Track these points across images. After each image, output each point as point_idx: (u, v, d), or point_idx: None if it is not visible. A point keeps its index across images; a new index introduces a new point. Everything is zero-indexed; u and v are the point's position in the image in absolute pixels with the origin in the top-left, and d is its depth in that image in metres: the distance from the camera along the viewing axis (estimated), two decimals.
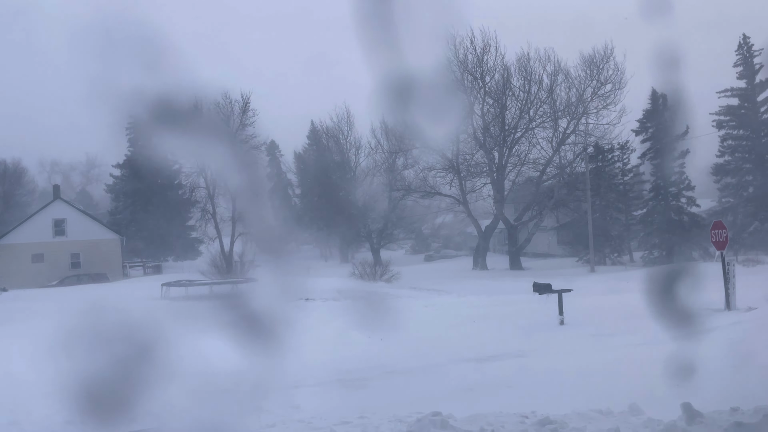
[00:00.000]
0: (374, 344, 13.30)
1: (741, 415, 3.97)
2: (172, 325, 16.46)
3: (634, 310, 16.39)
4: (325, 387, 9.88)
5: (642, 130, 41.11)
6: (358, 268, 33.57)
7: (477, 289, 28.83)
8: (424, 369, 10.73)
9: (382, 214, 58.62)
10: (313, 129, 68.14)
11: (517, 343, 12.79)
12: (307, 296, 25.74)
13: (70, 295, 26.34)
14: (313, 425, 7.12)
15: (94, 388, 9.46)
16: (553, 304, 15.68)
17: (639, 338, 12.13)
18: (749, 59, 38.07)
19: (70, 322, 15.77)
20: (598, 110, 43.05)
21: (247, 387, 9.52)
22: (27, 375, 9.46)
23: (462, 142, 45.31)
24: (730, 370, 7.89)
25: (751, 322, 12.10)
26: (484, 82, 44.37)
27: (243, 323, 17.29)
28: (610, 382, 8.25)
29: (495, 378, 9.36)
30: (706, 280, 19.00)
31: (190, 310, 20.92)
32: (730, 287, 15.20)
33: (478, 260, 44.98)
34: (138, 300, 24.84)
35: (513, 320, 16.15)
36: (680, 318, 14.59)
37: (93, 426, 8.09)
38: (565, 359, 10.60)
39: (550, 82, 43.64)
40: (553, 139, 44.47)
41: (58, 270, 40.67)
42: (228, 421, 8.00)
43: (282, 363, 11.63)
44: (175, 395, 9.03)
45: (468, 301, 22.86)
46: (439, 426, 4.16)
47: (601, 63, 42.60)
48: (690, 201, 39.79)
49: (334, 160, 58.75)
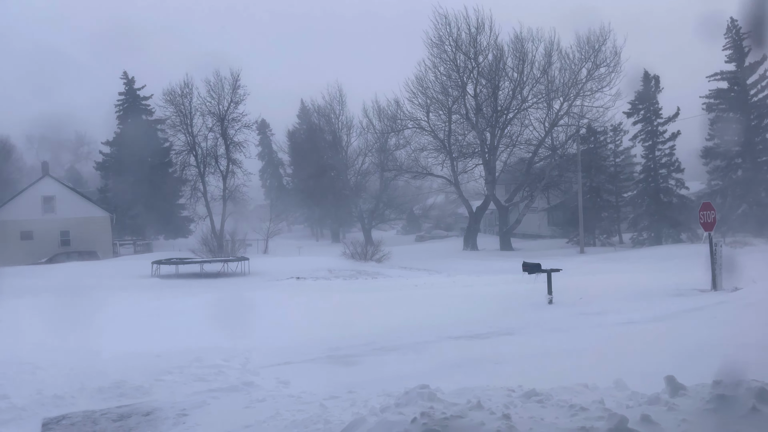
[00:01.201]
0: (363, 322, 13.38)
1: (723, 388, 4.04)
2: (160, 302, 16.46)
3: (623, 290, 16.64)
4: (314, 363, 9.94)
5: (633, 111, 41.15)
6: (350, 248, 33.66)
7: (467, 269, 29.01)
8: (414, 346, 10.80)
9: (373, 194, 58.61)
10: (303, 108, 67.76)
11: (506, 321, 12.89)
12: (299, 275, 25.86)
13: (61, 273, 26.24)
14: (302, 400, 7.17)
15: (83, 363, 9.47)
16: (542, 284, 15.80)
17: (626, 317, 12.28)
18: (738, 42, 38.03)
19: (65, 298, 15.76)
20: (593, 92, 43.01)
21: (237, 363, 9.58)
22: (18, 350, 9.46)
23: (454, 123, 45.22)
24: (714, 347, 8.00)
25: (736, 301, 12.25)
26: (478, 62, 44.15)
27: (233, 301, 17.35)
28: (597, 359, 8.36)
29: (483, 355, 9.45)
30: (694, 262, 19.24)
31: (181, 288, 20.93)
32: (717, 268, 15.37)
33: (469, 241, 45.16)
34: (129, 278, 24.83)
35: (502, 299, 16.28)
36: (667, 298, 14.76)
37: (83, 400, 8.13)
38: (553, 337, 10.70)
39: (544, 62, 43.50)
40: (546, 119, 44.47)
41: (48, 247, 40.45)
42: (217, 396, 8.04)
43: (272, 340, 11.71)
44: (164, 371, 9.09)
45: (458, 280, 22.99)
46: (426, 398, 4.20)
47: (597, 44, 42.44)
48: (679, 183, 40.03)
49: (325, 140, 58.48)
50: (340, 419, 5.30)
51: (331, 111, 58.96)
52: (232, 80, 46.94)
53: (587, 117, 43.40)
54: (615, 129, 43.37)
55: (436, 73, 44.74)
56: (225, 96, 47.06)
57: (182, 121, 47.45)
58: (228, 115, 47.20)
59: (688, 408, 3.89)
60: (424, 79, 44.91)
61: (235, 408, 7.21)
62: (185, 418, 7.05)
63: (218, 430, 6.22)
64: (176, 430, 6.58)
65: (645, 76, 40.44)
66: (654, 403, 4.10)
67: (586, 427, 3.57)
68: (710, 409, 3.82)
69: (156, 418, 7.17)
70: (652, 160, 40.67)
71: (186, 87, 46.99)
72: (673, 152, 40.04)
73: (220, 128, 47.32)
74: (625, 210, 43.76)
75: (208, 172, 47.93)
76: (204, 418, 6.95)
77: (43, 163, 49.56)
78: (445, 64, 44.51)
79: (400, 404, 4.48)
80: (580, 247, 38.84)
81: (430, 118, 45.31)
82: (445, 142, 45.11)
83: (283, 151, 72.03)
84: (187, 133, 47.61)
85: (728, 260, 16.13)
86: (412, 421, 3.69)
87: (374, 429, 3.82)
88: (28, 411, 7.59)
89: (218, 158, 47.90)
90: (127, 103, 54.18)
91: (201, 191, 47.50)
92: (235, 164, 47.77)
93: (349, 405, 6.48)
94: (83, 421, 7.31)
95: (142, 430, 6.86)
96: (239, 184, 47.95)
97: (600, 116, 42.93)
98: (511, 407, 4.08)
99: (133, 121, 53.67)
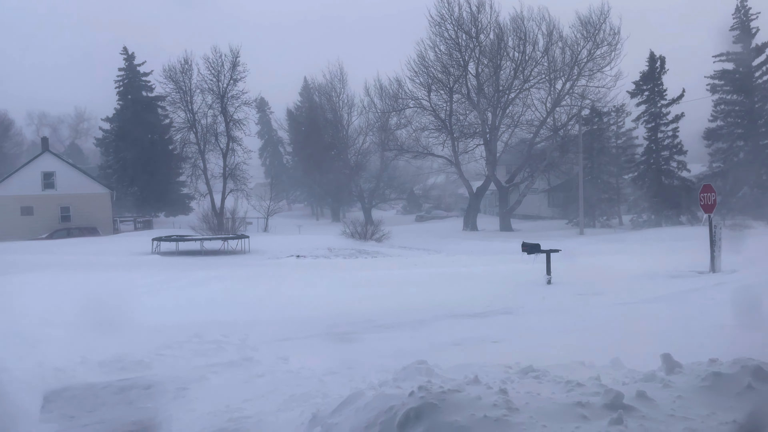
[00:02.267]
0: (362, 300, 13.45)
1: (719, 366, 4.07)
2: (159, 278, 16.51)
3: (621, 271, 16.69)
4: (313, 340, 10.00)
5: (637, 92, 40.87)
6: (349, 227, 33.69)
7: (466, 249, 29.07)
8: (412, 324, 10.86)
9: (373, 173, 58.50)
10: (305, 85, 67.32)
11: (505, 301, 12.95)
12: (299, 253, 25.95)
13: (61, 248, 26.30)
14: (301, 375, 7.23)
15: (84, 337, 9.53)
16: (541, 264, 15.84)
17: (624, 298, 12.33)
18: (746, 23, 37.64)
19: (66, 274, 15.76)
20: (593, 72, 42.70)
21: (236, 339, 9.64)
22: (18, 324, 9.51)
23: (456, 102, 44.97)
24: (711, 328, 8.05)
25: (734, 283, 12.29)
26: (479, 40, 43.78)
27: (232, 278, 17.38)
28: (594, 338, 8.40)
29: (482, 334, 9.51)
30: (693, 244, 19.28)
31: (181, 265, 20.99)
32: (715, 250, 15.40)
33: (469, 221, 45.20)
34: (129, 254, 24.91)
35: (501, 279, 16.34)
36: (666, 279, 14.81)
37: (84, 373, 8.20)
38: (551, 317, 10.76)
39: (545, 42, 43.15)
40: (548, 100, 44.21)
41: (48, 223, 40.50)
42: (217, 370, 8.11)
43: (271, 317, 11.78)
44: (164, 346, 9.16)
45: (457, 260, 23.05)
46: (424, 373, 4.24)
47: (598, 23, 42.06)
48: (681, 165, 39.91)
49: (326, 118, 58.20)
50: (338, 393, 5.35)
51: (332, 89, 58.65)
52: (231, 57, 46.60)
53: (589, 98, 43.18)
54: (617, 110, 43.16)
55: (438, 52, 44.45)
56: (225, 74, 46.77)
57: (182, 98, 47.21)
58: (228, 92, 46.94)
59: (684, 385, 3.93)
60: (425, 58, 44.63)
61: (234, 382, 7.27)
62: (185, 392, 7.11)
63: (218, 403, 6.28)
64: (176, 404, 6.64)
65: (650, 57, 40.12)
66: (650, 380, 4.13)
67: (582, 402, 3.60)
68: (706, 387, 3.86)
69: (156, 392, 7.24)
70: (654, 141, 40.51)
71: (186, 64, 46.68)
72: (676, 134, 39.85)
73: (220, 106, 47.09)
74: (625, 192, 43.71)
75: (208, 149, 47.79)
76: (204, 392, 7.02)
77: (43, 138, 49.41)
78: (446, 43, 44.18)
79: (398, 379, 4.52)
80: (579, 229, 38.90)
81: (432, 97, 45.09)
82: (446, 122, 44.92)
83: (283, 130, 71.79)
84: (187, 110, 47.39)
85: (727, 243, 16.16)
86: (410, 395, 3.72)
87: (372, 402, 3.86)
88: (29, 383, 7.66)
89: (218, 136, 47.73)
90: (127, 79, 53.84)
91: (201, 168, 47.39)
92: (235, 142, 47.62)
93: (347, 380, 6.53)
94: (84, 394, 7.38)
95: (143, 402, 6.93)
96: (239, 161, 47.88)
97: (602, 97, 42.74)
98: (508, 383, 4.12)
99: (133, 98, 53.38)
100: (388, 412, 3.60)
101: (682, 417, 3.50)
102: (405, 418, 3.52)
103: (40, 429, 6.28)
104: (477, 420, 3.37)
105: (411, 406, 3.58)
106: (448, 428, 3.35)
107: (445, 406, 3.52)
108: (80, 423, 6.39)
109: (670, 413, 3.55)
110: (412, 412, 3.54)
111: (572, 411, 3.49)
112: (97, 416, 6.57)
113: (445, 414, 3.45)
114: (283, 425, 4.90)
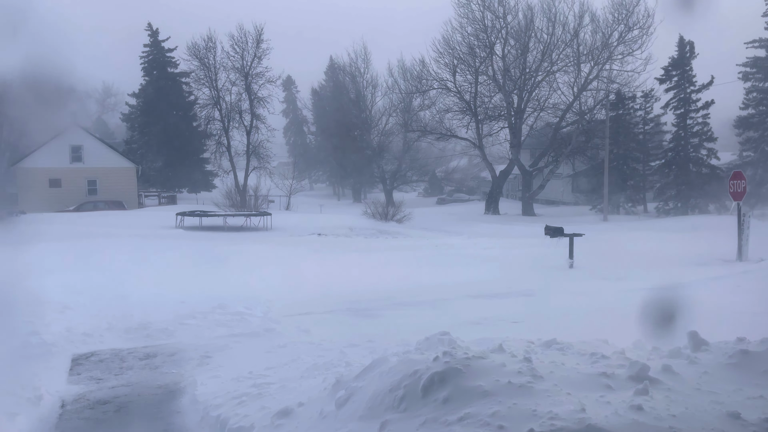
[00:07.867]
0: (384, 279, 13.51)
1: (747, 344, 4.02)
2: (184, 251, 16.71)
3: (644, 257, 16.50)
4: (334, 315, 10.10)
5: (666, 78, 40.01)
6: (371, 208, 33.70)
7: (488, 233, 28.95)
8: (433, 303, 10.89)
9: (396, 155, 58.29)
10: (331, 64, 67.07)
11: (526, 283, 12.90)
12: (320, 232, 26.08)
13: (88, 220, 26.76)
14: (323, 347, 7.31)
15: (111, 305, 9.73)
16: (563, 248, 15.73)
17: (648, 283, 12.18)
18: None
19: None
20: (624, 56, 41.85)
21: (259, 312, 9.77)
22: (47, 291, 9.73)
23: (481, 84, 44.48)
24: (737, 314, 7.94)
25: (760, 271, 12.08)
26: (506, 21, 43.12)
27: (255, 253, 17.52)
28: (616, 321, 8.32)
29: (502, 314, 9.50)
30: (720, 233, 18.94)
31: (204, 239, 21.24)
32: (743, 239, 15.14)
33: (491, 205, 44.91)
34: (154, 228, 25.27)
35: (523, 262, 16.27)
36: (691, 266, 14.60)
37: (111, 339, 8.39)
38: (573, 299, 10.69)
39: (576, 24, 42.33)
40: (575, 84, 43.47)
41: (75, 195, 41.19)
42: (239, 340, 8.23)
43: (293, 292, 11.90)
44: (188, 316, 9.32)
45: (478, 242, 22.97)
46: (447, 344, 4.25)
47: (631, 6, 41.10)
48: (710, 153, 39.10)
49: (349, 98, 58.01)
50: (360, 363, 5.40)
51: (356, 69, 58.35)
52: (255, 35, 46.53)
53: (617, 82, 42.37)
54: (646, 95, 42.31)
55: (464, 34, 43.87)
56: (249, 51, 46.75)
57: (206, 74, 47.35)
58: (252, 70, 46.96)
59: (710, 362, 3.89)
60: (450, 40, 44.09)
61: (257, 352, 7.39)
62: (209, 360, 7.25)
63: (241, 370, 6.39)
64: (200, 370, 6.77)
65: (680, 42, 39.20)
66: (676, 357, 4.10)
67: (607, 373, 3.60)
68: (733, 364, 3.82)
69: (181, 359, 7.39)
70: (683, 128, 39.70)
71: (210, 41, 46.73)
72: (706, 121, 38.97)
73: (244, 83, 47.16)
74: (651, 179, 43.00)
75: (232, 126, 48.00)
76: (227, 360, 7.15)
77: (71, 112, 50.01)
78: (472, 24, 43.57)
79: (421, 348, 4.55)
80: (603, 215, 38.44)
81: (456, 78, 44.63)
82: (470, 104, 44.48)
83: (308, 109, 71.66)
84: (212, 87, 47.54)
85: (756, 232, 15.86)
86: (434, 360, 3.74)
87: (396, 366, 3.89)
88: (58, 347, 7.87)
89: (242, 113, 47.89)
90: (151, 55, 54.10)
91: (225, 146, 47.66)
92: (258, 119, 47.76)
93: (368, 352, 6.59)
94: (111, 358, 7.57)
95: (167, 368, 7.08)
96: (263, 139, 48.03)
97: (630, 81, 41.89)
98: (532, 353, 4.12)
99: (159, 74, 53.67)
100: (413, 376, 3.63)
101: (708, 391, 3.47)
102: (429, 382, 3.55)
103: (68, 390, 6.46)
104: (501, 386, 3.38)
105: (436, 370, 3.60)
106: (472, 393, 3.37)
107: (470, 371, 3.54)
108: (107, 385, 6.56)
109: (696, 387, 3.52)
110: (436, 376, 3.57)
111: (597, 381, 3.49)
112: (123, 379, 6.74)
113: (469, 379, 3.47)
114: (306, 390, 4.97)
